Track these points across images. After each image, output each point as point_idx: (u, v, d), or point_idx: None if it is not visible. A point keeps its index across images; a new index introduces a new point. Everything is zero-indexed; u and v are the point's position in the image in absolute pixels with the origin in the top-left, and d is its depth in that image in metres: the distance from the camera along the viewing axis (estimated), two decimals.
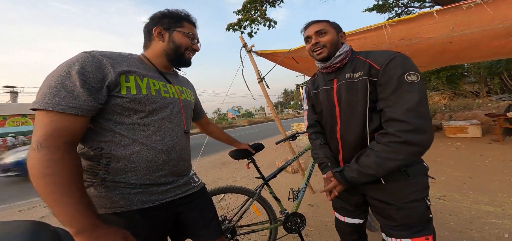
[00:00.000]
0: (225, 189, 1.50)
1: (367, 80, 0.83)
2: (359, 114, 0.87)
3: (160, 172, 0.78)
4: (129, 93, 0.72)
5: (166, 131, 0.80)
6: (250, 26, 8.57)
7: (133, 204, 0.73)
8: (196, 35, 0.91)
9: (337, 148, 0.98)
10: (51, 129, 0.60)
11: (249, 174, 3.99)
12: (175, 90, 0.89)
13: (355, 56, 0.93)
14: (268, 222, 1.58)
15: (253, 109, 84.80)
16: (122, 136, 0.72)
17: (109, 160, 0.71)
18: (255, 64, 2.63)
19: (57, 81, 0.62)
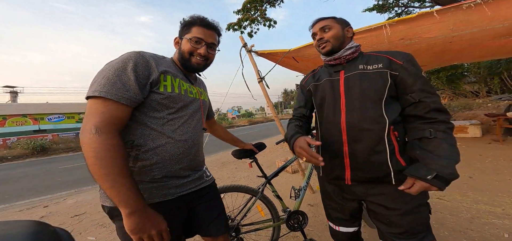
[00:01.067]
0: (228, 188, 1.50)
1: (388, 73, 0.85)
2: (375, 104, 0.85)
3: (180, 164, 0.85)
4: (166, 90, 0.81)
5: (188, 127, 0.88)
6: (250, 26, 8.56)
7: (154, 197, 0.79)
8: (204, 38, 0.90)
9: (340, 139, 0.90)
10: (108, 116, 0.67)
11: (249, 174, 3.99)
12: (196, 91, 0.98)
13: (365, 53, 0.94)
14: (271, 220, 1.59)
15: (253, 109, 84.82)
16: (152, 129, 0.79)
17: (138, 153, 0.77)
18: (255, 64, 2.63)
19: (114, 74, 0.70)
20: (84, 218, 2.79)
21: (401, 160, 0.83)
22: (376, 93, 0.85)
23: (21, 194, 4.48)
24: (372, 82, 0.86)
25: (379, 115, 0.84)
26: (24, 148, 13.08)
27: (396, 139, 0.84)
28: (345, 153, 0.90)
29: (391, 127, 0.83)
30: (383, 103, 0.84)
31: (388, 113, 0.84)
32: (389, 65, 0.85)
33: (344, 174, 0.91)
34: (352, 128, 0.88)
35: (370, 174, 0.87)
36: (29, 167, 8.76)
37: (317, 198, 2.66)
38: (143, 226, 0.65)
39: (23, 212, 3.33)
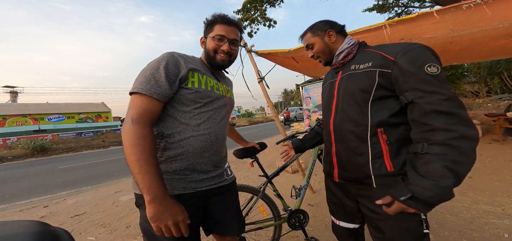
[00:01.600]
0: None
1: (377, 71, 0.78)
2: (358, 104, 0.82)
3: (202, 158, 0.88)
4: (193, 86, 0.87)
5: (213, 122, 0.92)
6: (250, 26, 8.57)
7: (175, 189, 0.84)
8: (226, 35, 0.94)
9: (330, 141, 0.95)
10: (142, 109, 0.76)
11: (250, 173, 3.99)
12: (223, 88, 1.02)
13: (365, 49, 0.89)
14: (273, 219, 1.59)
15: (253, 109, 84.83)
16: (180, 122, 0.85)
17: (166, 144, 0.83)
18: (255, 64, 2.63)
19: (150, 74, 0.80)
20: (84, 218, 2.79)
21: (389, 164, 0.77)
22: (361, 94, 0.81)
23: (21, 194, 4.48)
24: (357, 83, 0.83)
25: (360, 117, 0.82)
26: (24, 148, 13.08)
27: (385, 141, 0.78)
28: (333, 152, 0.94)
29: (379, 129, 0.78)
30: (370, 104, 0.80)
31: (374, 115, 0.79)
32: (380, 63, 0.78)
33: (333, 171, 0.96)
34: (337, 128, 0.91)
35: (352, 174, 0.87)
36: (29, 167, 8.76)
37: (318, 198, 2.66)
38: (161, 215, 0.69)
39: (23, 212, 3.33)
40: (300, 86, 6.39)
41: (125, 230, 2.34)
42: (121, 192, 3.78)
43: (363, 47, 0.92)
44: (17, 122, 20.15)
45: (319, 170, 3.29)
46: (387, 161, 0.78)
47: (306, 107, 5.64)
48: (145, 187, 0.68)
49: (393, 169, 0.77)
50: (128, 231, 2.32)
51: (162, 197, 0.69)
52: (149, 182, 0.68)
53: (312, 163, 1.70)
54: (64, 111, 23.23)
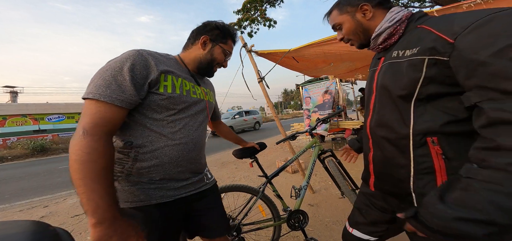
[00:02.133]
0: (229, 187, 1.51)
1: (425, 60, 0.55)
2: (395, 105, 0.64)
3: (179, 168, 0.82)
4: (166, 91, 0.77)
5: (190, 129, 0.85)
6: (250, 26, 8.57)
7: (152, 198, 0.77)
8: (231, 52, 0.98)
9: (368, 145, 0.78)
10: (98, 117, 0.65)
11: (249, 173, 3.99)
12: (201, 91, 0.94)
13: (419, 25, 0.62)
14: (272, 220, 1.59)
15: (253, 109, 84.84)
16: (151, 131, 0.76)
17: (137, 154, 0.75)
18: (255, 64, 2.63)
19: (111, 75, 0.68)
20: (84, 218, 2.78)
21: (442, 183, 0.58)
22: (399, 92, 0.62)
23: (21, 194, 4.48)
24: (394, 77, 0.63)
25: (398, 122, 0.63)
26: (24, 148, 13.08)
27: (440, 155, 0.57)
28: (370, 158, 0.78)
29: (429, 137, 0.58)
30: (413, 104, 0.60)
31: (420, 120, 0.59)
32: (431, 46, 0.54)
33: (369, 179, 0.80)
34: (373, 132, 0.74)
35: (389, 187, 0.72)
36: (29, 167, 8.76)
37: (317, 198, 2.66)
38: (109, 239, 0.58)
39: (23, 212, 3.33)
40: (300, 86, 6.39)
41: None
42: None
43: (416, 21, 0.64)
44: (17, 121, 20.15)
45: (319, 170, 3.29)
46: (439, 179, 0.58)
47: (306, 107, 5.64)
48: (90, 210, 0.57)
49: None
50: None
51: (111, 220, 0.59)
52: (95, 204, 0.57)
53: (312, 163, 1.70)
54: (64, 111, 23.22)
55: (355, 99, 7.92)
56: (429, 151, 0.59)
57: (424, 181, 0.61)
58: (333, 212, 2.28)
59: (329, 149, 1.88)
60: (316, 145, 1.80)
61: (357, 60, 3.34)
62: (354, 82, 6.60)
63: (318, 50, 2.51)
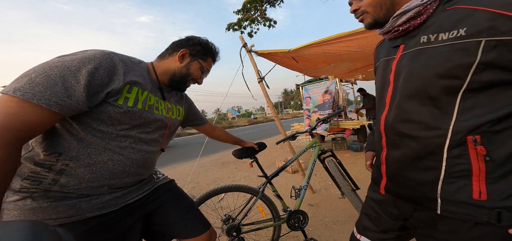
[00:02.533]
0: (229, 187, 1.51)
1: (482, 42, 0.47)
2: (432, 98, 0.55)
3: (123, 180, 0.74)
4: (125, 104, 0.68)
5: (142, 146, 0.76)
6: (250, 26, 8.59)
7: (86, 211, 0.66)
8: (209, 71, 0.95)
9: (380, 143, 0.70)
10: (16, 120, 0.50)
11: (249, 173, 3.99)
12: (165, 107, 0.87)
13: (448, 8, 0.54)
14: (272, 220, 1.60)
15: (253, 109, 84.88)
16: (92, 143, 0.65)
17: (65, 168, 0.62)
18: (255, 64, 2.63)
19: (59, 75, 0.55)
20: None
21: (478, 189, 0.51)
22: (442, 81, 0.52)
23: None
24: (432, 65, 0.54)
25: (435, 117, 0.54)
26: None
27: (482, 156, 0.50)
28: (382, 158, 0.69)
29: (470, 136, 0.50)
30: (460, 97, 0.51)
31: (467, 114, 0.51)
32: (489, 25, 0.46)
33: (380, 181, 0.72)
34: (389, 129, 0.65)
35: (405, 191, 0.64)
36: None
37: (317, 198, 2.66)
38: None
39: None
40: (300, 86, 6.39)
41: None
42: None
43: (443, 4, 0.57)
44: None
45: (319, 170, 3.29)
46: (476, 184, 0.51)
47: (306, 107, 5.64)
48: None
49: (485, 196, 0.50)
50: None
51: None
52: None
53: (312, 163, 1.70)
54: None
55: (355, 99, 7.92)
56: (467, 151, 0.51)
57: (455, 186, 0.53)
58: (333, 212, 2.28)
59: (329, 149, 1.88)
60: (316, 145, 1.80)
61: (357, 60, 3.34)
62: (354, 83, 6.60)
63: (318, 50, 2.51)
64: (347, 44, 2.33)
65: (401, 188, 0.65)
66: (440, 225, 0.58)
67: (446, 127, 0.53)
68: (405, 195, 0.65)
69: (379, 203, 0.77)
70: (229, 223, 1.47)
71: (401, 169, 0.63)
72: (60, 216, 0.63)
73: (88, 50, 0.63)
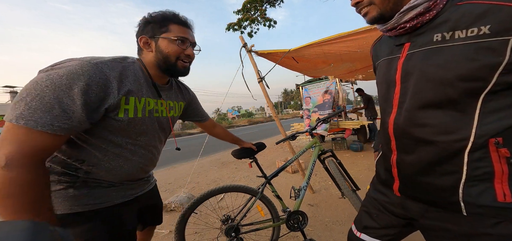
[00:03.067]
0: (228, 188, 1.51)
1: (509, 41, 0.44)
2: (452, 102, 0.52)
3: (137, 177, 0.87)
4: (126, 116, 0.70)
5: (149, 148, 0.85)
6: (250, 26, 8.59)
7: (114, 199, 0.78)
8: (188, 37, 0.80)
9: (389, 147, 0.66)
10: (28, 146, 0.52)
11: (249, 174, 3.99)
12: (165, 107, 0.88)
13: (460, 3, 0.50)
14: (271, 220, 1.59)
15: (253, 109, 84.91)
16: (108, 151, 0.72)
17: (89, 171, 0.71)
18: (255, 64, 2.63)
19: (53, 96, 0.53)
20: None
21: (501, 192, 0.50)
22: (459, 83, 0.49)
23: None
24: (450, 66, 0.50)
25: (454, 120, 0.52)
26: None
27: (505, 159, 0.49)
28: (393, 161, 0.66)
29: (493, 139, 0.49)
30: (482, 100, 0.49)
31: (490, 117, 0.49)
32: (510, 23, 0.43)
33: (392, 183, 0.69)
34: (400, 133, 0.62)
35: (422, 196, 0.61)
36: None
37: (317, 198, 2.66)
38: None
39: None
40: (300, 86, 6.39)
41: None
42: None
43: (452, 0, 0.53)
44: None
45: (319, 170, 3.29)
46: (499, 187, 0.50)
47: (306, 107, 5.64)
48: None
49: (510, 199, 0.49)
50: None
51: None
52: None
53: (312, 163, 1.70)
54: None
55: (355, 99, 7.92)
56: (489, 154, 0.50)
57: (478, 189, 0.52)
58: (333, 212, 2.28)
59: (329, 149, 1.88)
60: (316, 145, 1.80)
61: (357, 61, 3.34)
62: (354, 83, 6.60)
63: (318, 50, 2.51)
64: (347, 45, 2.33)
65: (417, 192, 0.62)
66: (463, 223, 0.55)
67: (468, 130, 0.50)
68: (422, 198, 0.62)
69: (386, 203, 0.74)
70: (228, 223, 1.47)
71: (417, 173, 0.60)
72: (97, 202, 0.73)
73: (72, 61, 0.60)
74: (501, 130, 0.48)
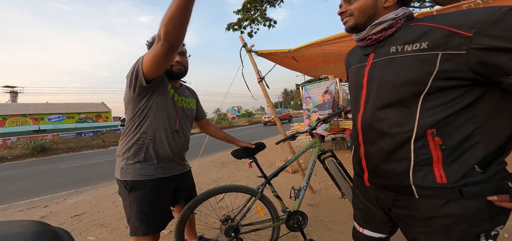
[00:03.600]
0: (227, 188, 1.51)
1: (439, 55, 0.57)
2: (401, 100, 0.65)
3: (171, 155, 1.24)
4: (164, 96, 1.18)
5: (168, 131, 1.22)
6: (250, 26, 8.57)
7: (158, 174, 1.20)
8: (179, 50, 1.17)
9: (357, 141, 0.79)
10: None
11: (249, 174, 3.99)
12: (180, 100, 1.28)
13: (411, 24, 0.66)
14: (271, 221, 1.59)
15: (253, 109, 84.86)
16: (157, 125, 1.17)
17: (150, 141, 1.16)
18: (255, 64, 2.63)
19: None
20: (84, 218, 2.79)
21: (439, 174, 0.61)
22: (407, 87, 0.63)
23: (21, 194, 4.48)
24: (400, 72, 0.64)
25: (403, 115, 0.65)
26: (24, 148, 13.06)
27: (438, 146, 0.61)
28: (361, 154, 0.78)
29: (429, 129, 0.61)
30: (421, 99, 0.62)
31: (427, 113, 0.62)
32: (444, 41, 0.56)
33: (363, 174, 0.81)
34: (366, 127, 0.75)
35: (384, 182, 0.74)
36: (29, 167, 8.76)
37: (317, 198, 2.66)
38: None
39: (23, 212, 3.33)
40: (300, 86, 6.39)
41: (125, 230, 2.34)
42: None
43: (408, 20, 0.69)
44: (17, 121, 20.14)
45: (319, 170, 3.29)
46: (437, 170, 0.62)
47: (306, 107, 5.64)
48: None
49: (445, 180, 0.60)
50: (128, 231, 2.31)
51: None
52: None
53: (312, 163, 1.70)
54: (64, 111, 23.21)
55: None
56: (427, 142, 0.62)
57: (422, 173, 0.64)
58: (333, 212, 2.28)
59: (329, 149, 1.88)
60: (316, 145, 1.80)
61: None
62: None
63: (318, 50, 2.51)
64: (347, 44, 2.32)
65: (382, 178, 0.74)
66: (420, 207, 0.67)
67: (412, 123, 0.63)
68: (386, 185, 0.74)
69: (365, 196, 0.87)
70: (227, 223, 1.47)
71: (380, 162, 0.72)
72: (149, 174, 1.17)
73: None
74: (435, 122, 0.61)
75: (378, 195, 0.80)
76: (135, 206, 1.15)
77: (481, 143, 0.59)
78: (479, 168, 0.59)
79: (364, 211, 0.88)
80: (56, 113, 22.54)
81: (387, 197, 0.76)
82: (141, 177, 1.15)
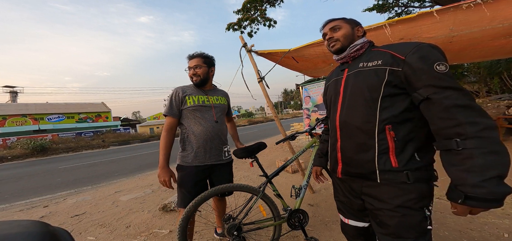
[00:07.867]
0: (229, 187, 1.51)
1: (387, 69, 0.81)
2: (366, 101, 0.85)
3: (206, 145, 1.54)
4: (190, 105, 1.53)
5: (204, 122, 1.55)
6: (250, 26, 8.56)
7: (194, 162, 1.52)
8: (191, 65, 1.56)
9: (335, 137, 0.98)
10: (167, 123, 1.53)
11: (249, 173, 3.99)
12: (207, 98, 1.60)
13: (373, 49, 0.93)
14: (272, 219, 1.59)
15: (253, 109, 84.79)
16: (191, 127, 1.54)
17: (189, 136, 1.54)
18: (255, 64, 2.63)
19: (170, 100, 1.54)
20: (84, 218, 2.79)
21: (394, 160, 0.81)
22: (369, 91, 0.84)
23: (21, 194, 4.48)
24: (365, 81, 0.87)
25: (369, 113, 0.85)
26: (24, 148, 13.06)
27: (392, 138, 0.81)
28: (338, 147, 0.97)
29: (387, 125, 0.81)
30: (379, 101, 0.83)
31: (383, 112, 0.82)
32: (390, 61, 0.81)
33: (337, 168, 0.99)
34: (343, 125, 0.94)
35: (356, 170, 0.90)
36: (29, 167, 8.76)
37: (317, 198, 2.66)
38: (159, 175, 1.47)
39: (23, 212, 3.33)
40: (300, 86, 6.39)
41: (125, 230, 2.34)
42: (121, 191, 3.78)
43: (371, 46, 0.97)
44: (17, 121, 20.12)
45: None
46: (392, 157, 0.81)
47: (305, 106, 5.64)
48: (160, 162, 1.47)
49: (397, 164, 0.80)
50: (128, 231, 2.31)
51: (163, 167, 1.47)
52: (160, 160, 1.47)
53: (312, 163, 1.70)
54: (64, 111, 23.21)
55: None
56: (386, 135, 0.82)
57: (384, 159, 0.83)
58: (333, 211, 2.28)
59: None
60: (315, 144, 1.80)
61: None
62: None
63: (318, 50, 2.51)
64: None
65: (354, 167, 0.92)
66: (381, 192, 0.85)
67: (375, 119, 0.84)
68: (357, 173, 0.91)
69: (342, 188, 1.04)
70: (229, 222, 1.47)
71: (354, 152, 0.90)
72: (186, 160, 1.53)
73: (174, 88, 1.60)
74: (389, 119, 0.82)
75: (350, 186, 0.98)
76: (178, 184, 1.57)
77: (416, 138, 0.81)
78: (418, 156, 0.80)
79: (345, 202, 1.04)
80: (56, 113, 22.53)
81: (357, 185, 0.94)
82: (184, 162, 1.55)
